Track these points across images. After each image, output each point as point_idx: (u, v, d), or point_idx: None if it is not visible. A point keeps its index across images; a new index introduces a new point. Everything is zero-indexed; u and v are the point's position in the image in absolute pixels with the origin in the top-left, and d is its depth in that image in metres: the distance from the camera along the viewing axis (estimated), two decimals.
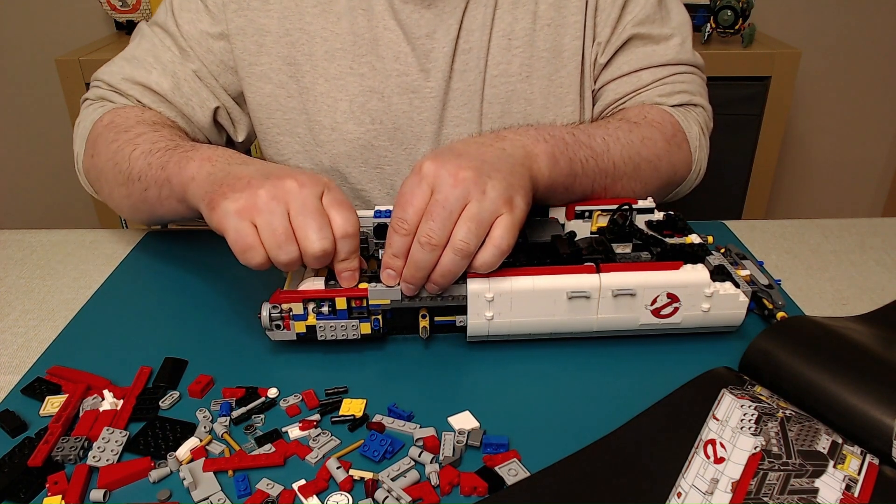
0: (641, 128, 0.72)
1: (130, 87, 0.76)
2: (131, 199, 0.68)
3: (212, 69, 0.77)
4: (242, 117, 0.82)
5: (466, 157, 0.53)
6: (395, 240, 0.52)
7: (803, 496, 0.40)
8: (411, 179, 0.53)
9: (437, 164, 0.52)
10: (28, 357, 0.58)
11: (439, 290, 0.53)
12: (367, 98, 0.77)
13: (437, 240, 0.51)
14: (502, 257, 0.52)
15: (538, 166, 0.59)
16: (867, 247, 0.75)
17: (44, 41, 1.82)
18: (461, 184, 0.51)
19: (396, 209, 0.52)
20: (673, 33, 0.78)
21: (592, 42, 0.78)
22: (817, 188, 2.07)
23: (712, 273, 0.56)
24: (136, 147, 0.66)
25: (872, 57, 1.87)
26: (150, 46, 0.77)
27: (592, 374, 0.55)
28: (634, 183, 0.70)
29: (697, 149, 0.78)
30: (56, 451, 0.47)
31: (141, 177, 0.65)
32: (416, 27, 0.75)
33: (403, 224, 0.51)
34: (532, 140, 0.60)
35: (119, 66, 0.77)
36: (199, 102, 0.77)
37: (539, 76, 0.78)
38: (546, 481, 0.43)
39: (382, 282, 0.54)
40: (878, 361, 0.49)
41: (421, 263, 0.51)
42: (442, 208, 0.51)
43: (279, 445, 0.47)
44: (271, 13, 0.76)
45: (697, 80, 0.81)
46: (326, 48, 0.77)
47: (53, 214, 2.05)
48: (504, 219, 0.52)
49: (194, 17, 0.76)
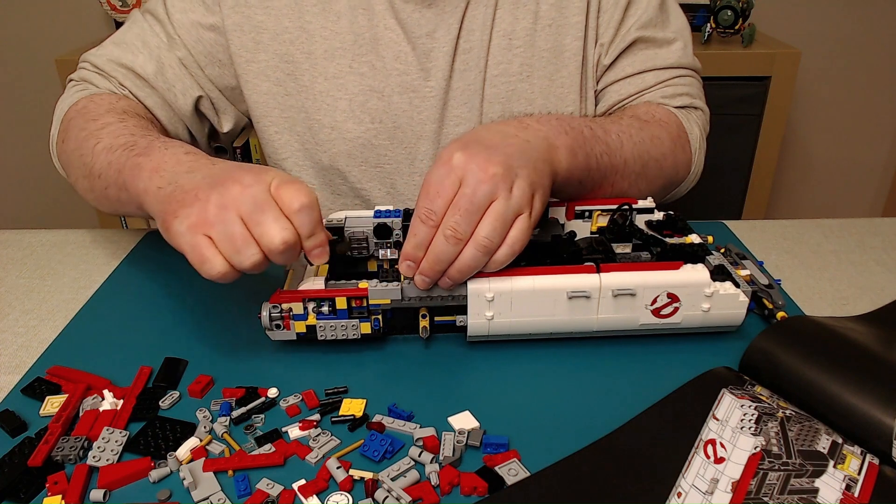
0: (651, 126, 0.73)
1: (115, 68, 0.75)
2: (94, 194, 0.67)
3: (198, 59, 0.77)
4: (228, 108, 0.82)
5: (495, 151, 0.53)
6: (421, 230, 0.51)
7: (803, 496, 0.40)
8: (440, 170, 0.52)
9: (467, 155, 0.52)
10: (28, 357, 0.58)
11: (453, 285, 0.53)
12: (366, 97, 0.77)
13: (462, 234, 0.50)
14: (513, 258, 0.53)
15: (558, 159, 0.59)
16: (867, 247, 0.75)
17: (44, 41, 1.82)
18: (491, 180, 0.51)
19: (423, 199, 0.52)
20: (675, 37, 0.79)
21: (595, 43, 0.78)
22: (817, 188, 2.07)
23: (712, 273, 0.56)
24: (99, 141, 0.65)
25: (872, 57, 1.87)
26: (140, 31, 0.77)
27: (592, 374, 0.55)
28: (640, 181, 0.71)
29: (697, 150, 0.79)
30: (56, 451, 0.47)
31: (101, 174, 0.63)
32: (417, 26, 0.75)
33: (431, 215, 0.51)
34: (555, 132, 0.60)
35: (107, 48, 0.77)
36: (182, 90, 0.77)
37: (539, 76, 0.78)
38: (546, 481, 0.43)
39: (401, 272, 0.54)
40: (878, 361, 0.49)
41: (442, 256, 0.51)
42: (470, 202, 0.50)
43: (279, 445, 0.47)
44: (269, 10, 0.76)
45: (697, 84, 0.82)
46: (326, 47, 0.77)
47: (53, 214, 2.05)
48: (523, 220, 0.52)
49: (187, 7, 0.76)
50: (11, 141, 1.95)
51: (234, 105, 0.82)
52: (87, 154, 0.66)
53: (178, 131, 0.79)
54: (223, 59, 0.78)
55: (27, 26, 1.82)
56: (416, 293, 0.54)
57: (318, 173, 0.83)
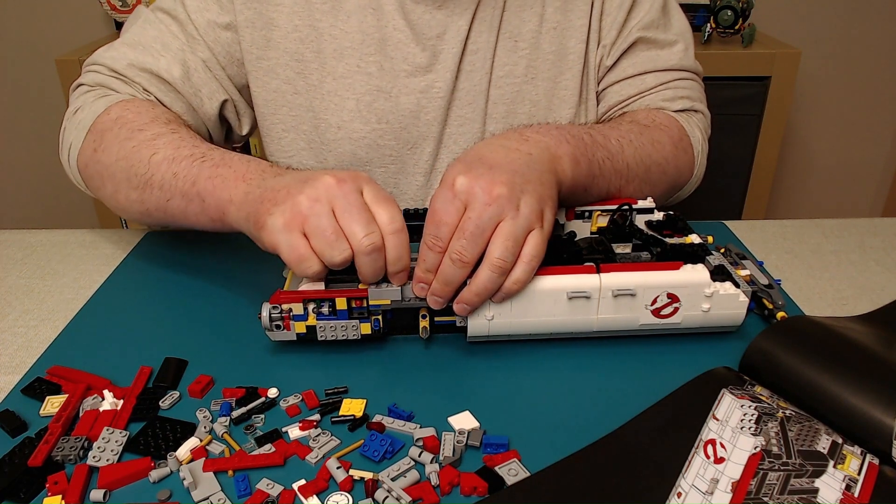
0: (651, 130, 0.73)
1: (137, 73, 0.72)
2: (145, 206, 0.65)
3: (220, 59, 0.75)
4: (247, 111, 0.81)
5: (498, 171, 0.53)
6: (429, 256, 0.52)
7: (803, 496, 0.40)
8: (444, 194, 0.52)
9: (469, 178, 0.52)
10: (28, 357, 0.58)
11: (472, 310, 0.54)
12: (374, 97, 0.77)
13: (469, 257, 0.51)
14: (533, 274, 0.53)
15: (562, 168, 0.59)
16: (867, 247, 0.75)
17: (44, 41, 1.82)
18: (496, 201, 0.51)
19: (429, 226, 0.52)
20: (677, 39, 0.79)
21: (597, 45, 0.78)
22: (817, 188, 2.07)
23: (712, 273, 0.56)
24: (156, 151, 0.63)
25: (872, 57, 1.87)
26: (157, 33, 0.74)
27: (592, 374, 0.55)
28: (644, 185, 0.71)
29: (700, 153, 0.79)
30: (56, 451, 0.47)
31: (164, 186, 0.62)
32: (427, 28, 0.75)
33: (438, 242, 0.51)
34: (556, 141, 0.60)
35: (122, 51, 0.73)
36: (209, 94, 0.75)
37: (543, 78, 0.78)
38: (546, 481, 0.43)
39: (414, 293, 0.54)
40: (878, 361, 0.49)
41: (450, 279, 0.52)
42: (476, 226, 0.51)
43: (279, 445, 0.47)
44: (281, 8, 0.75)
45: (697, 87, 0.82)
46: (335, 46, 0.76)
47: (53, 214, 2.05)
48: (535, 235, 0.52)
49: (202, 6, 0.74)
50: (11, 141, 1.95)
51: (250, 107, 0.81)
52: (139, 164, 0.64)
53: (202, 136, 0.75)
54: (240, 57, 0.76)
55: (27, 26, 1.82)
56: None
57: None
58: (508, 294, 0.53)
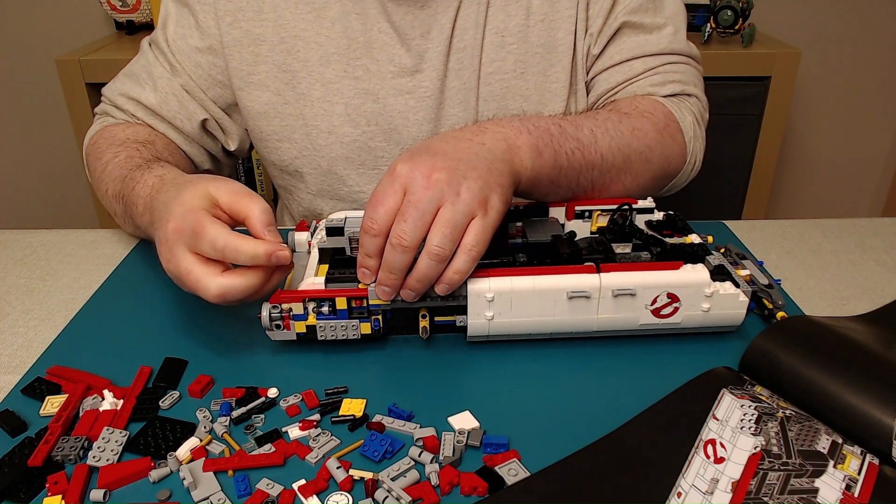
0: (632, 118, 0.71)
1: (125, 102, 0.80)
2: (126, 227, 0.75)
3: (200, 83, 0.80)
4: (233, 127, 0.84)
5: (441, 157, 0.53)
6: (366, 240, 0.52)
7: (803, 496, 0.40)
8: (384, 179, 0.52)
9: (410, 164, 0.52)
10: (28, 357, 0.58)
11: (416, 295, 0.53)
12: (362, 100, 0.78)
13: (409, 241, 0.50)
14: (475, 263, 0.52)
15: (520, 159, 0.58)
16: (867, 247, 0.75)
17: (44, 41, 1.81)
18: (434, 185, 0.50)
19: (368, 209, 0.52)
20: (666, 23, 0.78)
21: (585, 34, 0.77)
22: (817, 188, 2.06)
23: (712, 273, 0.56)
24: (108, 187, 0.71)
25: (872, 57, 1.87)
26: (146, 63, 0.81)
27: (592, 374, 0.55)
28: (625, 176, 0.69)
29: (692, 139, 0.76)
30: (56, 451, 0.47)
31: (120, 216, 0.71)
32: (411, 28, 0.75)
33: (373, 224, 0.51)
34: (515, 132, 0.60)
35: (120, 81, 0.82)
36: (187, 115, 0.80)
37: (533, 72, 0.77)
38: (546, 481, 0.43)
39: (359, 280, 0.54)
40: (878, 361, 0.49)
41: (394, 265, 0.51)
42: (414, 209, 0.50)
43: (279, 445, 0.47)
44: (266, 23, 0.77)
45: (691, 71, 0.80)
46: (321, 53, 0.77)
47: (53, 214, 2.05)
48: (477, 223, 0.51)
49: (185, 33, 0.79)
50: (11, 141, 1.95)
51: (237, 124, 0.84)
52: (103, 197, 0.74)
53: (194, 151, 0.83)
54: (223, 79, 0.80)
55: (27, 26, 1.82)
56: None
57: (316, 178, 0.83)
58: (451, 284, 0.52)
